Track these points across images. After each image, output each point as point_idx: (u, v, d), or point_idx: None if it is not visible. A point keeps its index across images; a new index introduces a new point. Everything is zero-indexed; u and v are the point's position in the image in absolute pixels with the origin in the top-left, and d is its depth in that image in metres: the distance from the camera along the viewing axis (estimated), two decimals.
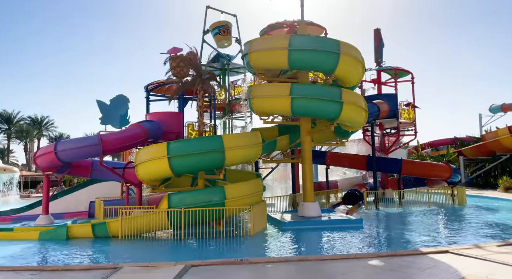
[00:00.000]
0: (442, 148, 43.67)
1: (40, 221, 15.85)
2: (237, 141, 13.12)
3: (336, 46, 13.48)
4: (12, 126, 72.58)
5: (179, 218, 12.20)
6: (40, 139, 78.26)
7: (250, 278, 7.12)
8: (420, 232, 12.52)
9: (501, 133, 31.38)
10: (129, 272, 7.61)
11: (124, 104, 26.27)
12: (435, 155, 39.01)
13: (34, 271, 8.01)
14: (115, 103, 26.14)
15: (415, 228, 13.35)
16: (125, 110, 26.38)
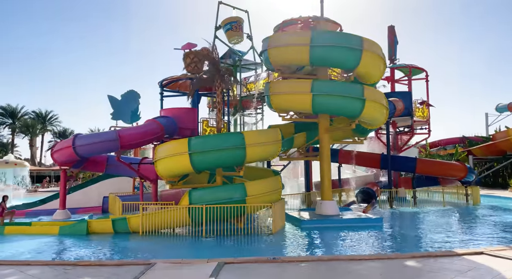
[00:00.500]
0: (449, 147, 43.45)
1: (57, 215, 15.79)
2: (257, 137, 12.96)
3: (359, 42, 13.30)
4: (16, 121, 72.55)
5: (200, 215, 12.09)
6: (44, 134, 78.34)
7: (286, 277, 7.00)
8: (443, 232, 12.36)
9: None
10: (163, 268, 7.51)
11: (135, 100, 26.15)
12: (443, 154, 38.80)
13: (67, 265, 7.97)
14: (126, 99, 26.06)
15: (436, 228, 13.18)
16: (136, 105, 26.30)
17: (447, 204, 20.31)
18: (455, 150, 36.39)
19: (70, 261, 8.69)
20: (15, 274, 7.49)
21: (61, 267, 7.87)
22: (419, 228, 13.30)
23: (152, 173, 17.19)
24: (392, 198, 20.02)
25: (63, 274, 7.39)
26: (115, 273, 7.31)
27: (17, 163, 26.13)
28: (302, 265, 7.57)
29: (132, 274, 7.17)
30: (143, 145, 17.04)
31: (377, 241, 11.13)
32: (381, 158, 21.82)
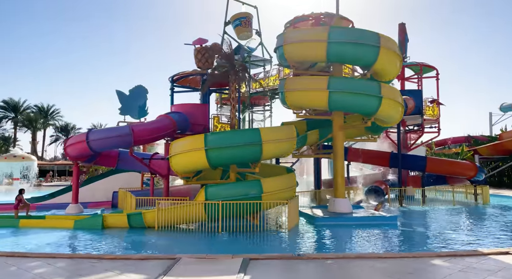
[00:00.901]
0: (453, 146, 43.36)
1: (70, 210, 15.76)
2: (274, 134, 12.90)
3: (376, 39, 13.20)
4: (19, 115, 72.41)
5: (217, 211, 12.05)
6: (46, 128, 78.24)
7: (314, 274, 6.95)
8: (459, 231, 12.32)
9: None
10: (189, 263, 7.48)
11: (143, 95, 26.10)
12: (449, 153, 38.73)
13: (93, 259, 7.97)
14: (134, 94, 26.02)
15: (452, 227, 13.12)
16: (143, 101, 26.24)
17: (456, 203, 20.25)
18: (460, 149, 36.31)
19: (95, 254, 8.67)
20: (44, 267, 7.48)
21: (87, 260, 7.87)
22: (435, 227, 13.22)
23: (163, 168, 17.19)
24: (401, 196, 19.96)
25: (90, 267, 7.38)
26: (142, 267, 7.29)
27: (24, 157, 26.09)
28: (328, 263, 7.52)
29: (160, 268, 7.18)
30: (156, 140, 16.97)
31: (396, 239, 11.07)
32: (391, 156, 21.74)
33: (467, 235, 11.60)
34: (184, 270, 7.03)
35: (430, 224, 13.81)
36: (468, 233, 11.90)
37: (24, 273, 7.08)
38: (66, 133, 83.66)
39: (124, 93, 26.09)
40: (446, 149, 42.92)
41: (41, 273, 7.10)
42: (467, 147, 37.46)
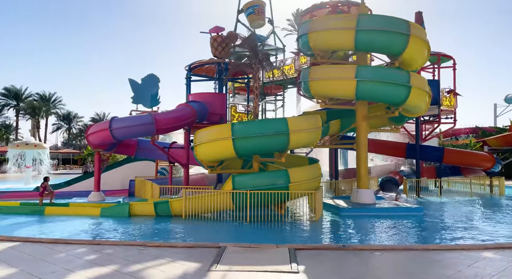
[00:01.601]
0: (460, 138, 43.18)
1: (92, 197, 15.72)
2: (301, 124, 12.72)
3: (406, 27, 12.98)
4: (20, 102, 71.94)
5: (244, 200, 11.95)
6: (48, 116, 77.82)
7: (365, 265, 6.85)
8: (488, 222, 12.22)
9: None
10: (237, 252, 7.39)
11: (155, 84, 25.91)
12: (456, 144, 38.63)
13: (139, 246, 7.91)
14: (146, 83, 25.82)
15: (479, 218, 13.02)
16: (155, 90, 26.05)
17: (464, 194, 20.10)
18: (469, 141, 36.15)
19: (139, 242, 8.60)
20: (92, 253, 7.43)
21: (132, 247, 7.81)
22: (462, 218, 13.06)
23: (183, 157, 17.06)
24: (418, 187, 19.89)
25: (139, 254, 7.33)
26: (191, 255, 7.25)
27: (37, 145, 25.93)
28: (377, 254, 7.41)
29: (210, 256, 7.13)
30: (177, 129, 16.82)
31: (430, 231, 10.87)
32: (407, 147, 21.60)
33: (498, 226, 11.49)
34: (235, 258, 6.93)
35: (456, 216, 13.65)
36: (497, 224, 11.80)
37: (75, 260, 7.01)
38: (68, 122, 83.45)
39: (136, 82, 25.90)
40: (453, 140, 42.83)
41: (93, 259, 7.05)
42: (474, 139, 37.34)
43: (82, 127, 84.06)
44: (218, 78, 19.64)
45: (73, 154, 63.60)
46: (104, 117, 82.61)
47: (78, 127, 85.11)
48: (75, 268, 6.49)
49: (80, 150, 65.85)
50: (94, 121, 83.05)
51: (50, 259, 7.09)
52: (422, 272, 6.28)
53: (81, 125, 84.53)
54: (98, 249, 7.72)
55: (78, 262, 6.86)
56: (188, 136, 17.16)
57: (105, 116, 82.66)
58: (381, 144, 22.57)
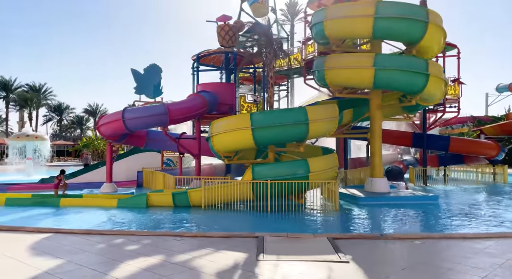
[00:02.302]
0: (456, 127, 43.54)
1: (105, 189, 15.57)
2: (319, 113, 12.62)
3: (425, 14, 12.89)
4: (10, 93, 70.66)
5: (265, 190, 11.90)
6: (39, 108, 76.64)
7: (408, 254, 6.85)
8: (505, 209, 12.34)
9: None
10: (277, 241, 7.32)
11: (157, 74, 25.54)
12: (453, 133, 38.96)
13: (176, 236, 7.87)
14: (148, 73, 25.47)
15: (498, 205, 13.15)
16: (158, 80, 25.70)
17: (469, 182, 20.28)
18: (467, 129, 36.50)
19: (174, 232, 8.51)
20: (131, 244, 7.36)
21: (169, 237, 7.76)
22: (479, 206, 13.14)
23: (194, 147, 16.90)
24: (425, 176, 20.03)
25: (179, 244, 7.28)
26: (232, 245, 7.21)
27: (37, 137, 25.54)
28: (417, 243, 7.41)
29: (250, 245, 7.12)
30: (189, 120, 16.64)
31: (452, 219, 10.91)
32: (413, 136, 21.70)
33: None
34: (278, 248, 6.87)
35: (472, 203, 13.73)
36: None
37: (117, 250, 6.95)
38: (60, 113, 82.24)
39: (138, 72, 25.52)
40: (449, 129, 43.21)
41: (135, 249, 6.98)
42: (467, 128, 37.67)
43: (73, 118, 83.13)
44: (225, 68, 19.42)
45: (67, 145, 62.92)
46: (97, 108, 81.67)
47: (70, 118, 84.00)
48: (122, 258, 6.39)
49: (74, 142, 65.21)
50: (87, 112, 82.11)
51: (92, 249, 6.99)
52: (471, 261, 6.25)
53: (73, 117, 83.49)
54: (135, 239, 7.63)
55: (122, 253, 6.77)
56: (199, 127, 16.99)
57: (99, 107, 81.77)
58: (388, 134, 22.53)
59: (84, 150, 52.71)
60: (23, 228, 8.80)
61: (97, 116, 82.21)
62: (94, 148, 53.25)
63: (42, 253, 6.75)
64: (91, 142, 53.22)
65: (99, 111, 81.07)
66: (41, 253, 6.79)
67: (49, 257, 6.45)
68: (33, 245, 7.38)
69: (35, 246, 7.26)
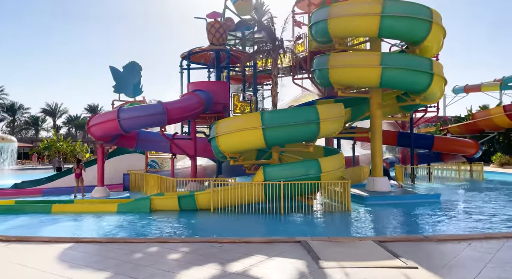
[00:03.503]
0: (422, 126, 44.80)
1: (96, 193, 14.64)
2: (329, 112, 12.43)
3: (429, 14, 13.00)
4: None
5: (277, 191, 11.53)
6: None
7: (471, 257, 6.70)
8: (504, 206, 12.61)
9: (494, 112, 32.59)
10: (324, 246, 6.94)
11: (137, 72, 24.61)
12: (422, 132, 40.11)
13: (212, 243, 7.40)
14: (128, 71, 24.46)
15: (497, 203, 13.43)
16: (138, 78, 24.74)
17: (452, 180, 20.83)
18: (434, 129, 37.64)
19: (211, 238, 7.98)
20: (170, 252, 6.85)
21: (207, 244, 7.28)
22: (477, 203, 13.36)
23: (190, 148, 16.24)
24: (414, 174, 20.37)
25: (222, 252, 6.78)
26: (280, 251, 6.78)
27: (4, 138, 23.78)
28: (465, 245, 7.28)
29: (299, 251, 6.77)
30: (185, 119, 15.92)
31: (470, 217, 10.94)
32: (399, 135, 22.03)
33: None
34: (331, 254, 6.50)
35: (473, 200, 13.99)
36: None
37: (160, 259, 6.41)
38: (13, 113, 77.74)
39: (118, 70, 24.49)
40: (417, 128, 44.48)
41: (179, 258, 6.49)
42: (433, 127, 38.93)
43: (28, 118, 78.85)
44: (216, 66, 18.85)
45: (24, 148, 59.49)
46: (56, 108, 77.92)
47: (24, 118, 79.64)
48: (173, 269, 5.84)
49: (33, 143, 61.80)
50: (46, 112, 78.09)
51: (132, 259, 6.39)
52: None
53: (27, 117, 79.20)
54: (170, 247, 7.07)
55: (169, 263, 6.21)
56: (195, 127, 16.36)
57: (58, 107, 78.05)
58: None
59: (46, 152, 50.14)
60: (35, 238, 7.98)
61: (57, 116, 78.80)
62: (56, 149, 50.58)
63: (79, 266, 6.07)
64: (53, 143, 50.49)
65: (58, 111, 77.54)
66: (78, 265, 6.10)
67: (92, 270, 5.79)
68: (60, 256, 6.65)
69: (63, 258, 6.54)
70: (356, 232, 9.18)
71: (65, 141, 51.34)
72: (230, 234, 9.09)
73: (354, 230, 9.42)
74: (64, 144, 50.53)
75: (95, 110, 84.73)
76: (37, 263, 6.20)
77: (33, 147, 57.34)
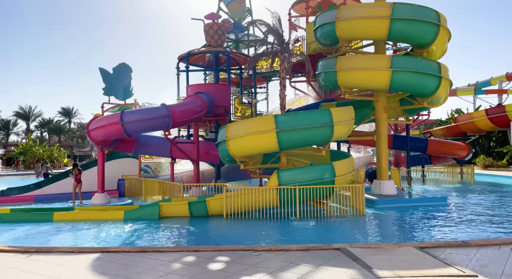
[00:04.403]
0: None
1: (96, 200, 14.01)
2: (341, 115, 12.24)
3: (437, 17, 13.04)
4: None
5: (292, 196, 11.25)
6: None
7: None
8: None
9: (477, 115, 33.42)
10: (368, 253, 6.68)
11: (127, 74, 23.91)
12: None
13: (248, 251, 7.06)
14: (118, 73, 23.76)
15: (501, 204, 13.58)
16: (128, 80, 24.03)
17: (445, 182, 21.07)
18: (418, 132, 38.21)
19: (247, 246, 7.63)
20: (209, 261, 6.53)
21: (242, 252, 6.96)
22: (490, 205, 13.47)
23: (193, 152, 15.77)
24: (410, 177, 20.48)
25: (263, 260, 6.47)
26: (325, 259, 6.51)
27: None
28: (504, 248, 7.19)
29: (345, 259, 6.50)
30: (189, 123, 15.41)
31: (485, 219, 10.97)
32: (394, 138, 22.11)
33: None
34: (379, 262, 6.24)
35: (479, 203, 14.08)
36: None
37: (203, 270, 6.03)
38: None
39: (107, 72, 23.80)
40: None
41: (222, 268, 6.15)
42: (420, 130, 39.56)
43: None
44: (215, 68, 18.44)
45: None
46: (30, 111, 75.23)
47: None
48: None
49: (5, 148, 59.42)
50: (19, 115, 75.27)
51: (175, 269, 6.00)
52: None
53: None
54: (206, 255, 6.73)
55: (215, 274, 5.86)
56: (197, 130, 15.91)
57: (32, 110, 75.40)
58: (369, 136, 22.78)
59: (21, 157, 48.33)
60: (56, 248, 7.45)
61: (30, 120, 76.07)
62: (32, 155, 48.77)
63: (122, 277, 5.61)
64: (28, 148, 48.61)
65: (32, 114, 74.96)
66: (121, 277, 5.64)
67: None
68: (94, 267, 6.19)
69: (100, 270, 6.07)
70: (387, 237, 8.97)
71: (41, 145, 49.63)
72: (254, 241, 8.83)
73: (382, 235, 9.22)
74: (40, 149, 48.85)
75: (69, 114, 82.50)
76: (76, 276, 5.71)
77: (5, 152, 55.17)
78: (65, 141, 77.55)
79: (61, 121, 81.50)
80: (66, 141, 78.45)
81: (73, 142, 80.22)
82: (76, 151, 72.51)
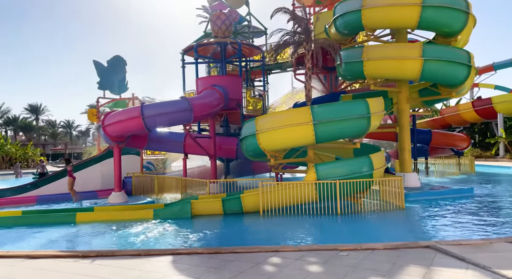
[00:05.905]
0: None
1: (114, 199, 13.16)
2: (377, 106, 11.80)
3: (466, 5, 12.79)
4: None
5: (332, 191, 10.75)
6: None
7: None
8: None
9: (463, 108, 33.88)
10: (467, 252, 6.23)
11: (122, 67, 22.96)
12: None
13: (335, 250, 6.52)
14: (112, 66, 22.82)
15: None
16: (122, 74, 23.06)
17: (450, 174, 21.16)
18: None
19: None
20: (297, 263, 5.96)
21: (329, 252, 6.48)
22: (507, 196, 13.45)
23: (210, 148, 15.00)
24: (416, 169, 20.39)
25: (359, 261, 5.90)
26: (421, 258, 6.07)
27: None
28: None
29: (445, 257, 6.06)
30: (208, 117, 14.58)
31: None
32: None
33: None
34: (490, 259, 5.82)
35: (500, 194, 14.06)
36: None
37: (300, 272, 5.40)
38: None
39: (102, 65, 22.87)
40: None
41: (325, 271, 5.55)
42: None
43: None
44: (222, 60, 17.63)
45: None
46: None
47: None
48: None
49: None
50: None
51: (266, 272, 5.39)
52: None
53: None
54: (293, 256, 6.20)
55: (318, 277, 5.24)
56: (213, 125, 15.14)
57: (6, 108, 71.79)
58: None
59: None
60: (119, 251, 6.73)
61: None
62: (4, 153, 46.29)
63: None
64: (1, 147, 46.08)
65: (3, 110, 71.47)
66: None
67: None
68: (180, 271, 5.48)
69: (188, 274, 5.37)
70: (450, 231, 8.56)
71: (12, 144, 47.24)
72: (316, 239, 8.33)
73: (444, 230, 8.79)
74: (13, 148, 46.50)
75: (36, 110, 79.25)
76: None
77: None
78: (34, 139, 74.34)
79: (28, 118, 78.22)
80: (35, 139, 75.21)
81: (41, 140, 77.13)
82: (48, 149, 69.71)
